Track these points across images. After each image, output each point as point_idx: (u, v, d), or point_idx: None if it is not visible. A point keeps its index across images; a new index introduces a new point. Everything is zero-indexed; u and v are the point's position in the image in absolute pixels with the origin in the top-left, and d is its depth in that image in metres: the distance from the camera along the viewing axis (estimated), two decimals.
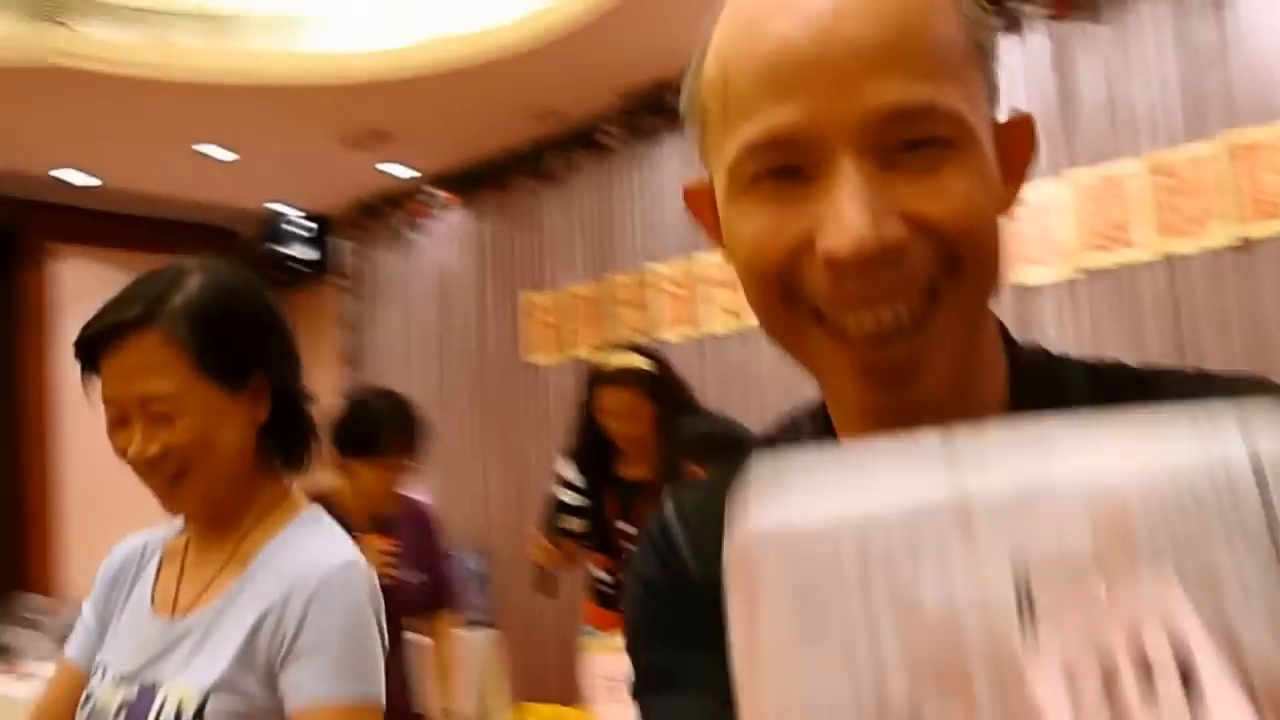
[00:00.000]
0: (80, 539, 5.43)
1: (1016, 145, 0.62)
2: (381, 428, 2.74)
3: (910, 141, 0.55)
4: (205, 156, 5.02)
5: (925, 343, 0.56)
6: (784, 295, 0.58)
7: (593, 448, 3.07)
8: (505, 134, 5.08)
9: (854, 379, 0.58)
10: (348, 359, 6.06)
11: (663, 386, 2.96)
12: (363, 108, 4.58)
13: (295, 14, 4.24)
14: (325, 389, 6.40)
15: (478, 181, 5.42)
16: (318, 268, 6.11)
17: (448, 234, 5.61)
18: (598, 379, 3.00)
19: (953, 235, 0.55)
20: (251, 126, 4.70)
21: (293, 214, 6.07)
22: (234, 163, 5.13)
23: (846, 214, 0.53)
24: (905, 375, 0.57)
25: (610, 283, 4.88)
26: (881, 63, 0.54)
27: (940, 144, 0.55)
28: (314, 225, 6.11)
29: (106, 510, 5.52)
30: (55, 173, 5.14)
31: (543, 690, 4.85)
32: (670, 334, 4.63)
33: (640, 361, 2.98)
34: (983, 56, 0.59)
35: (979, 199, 0.56)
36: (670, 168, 4.69)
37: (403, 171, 5.50)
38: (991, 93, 0.60)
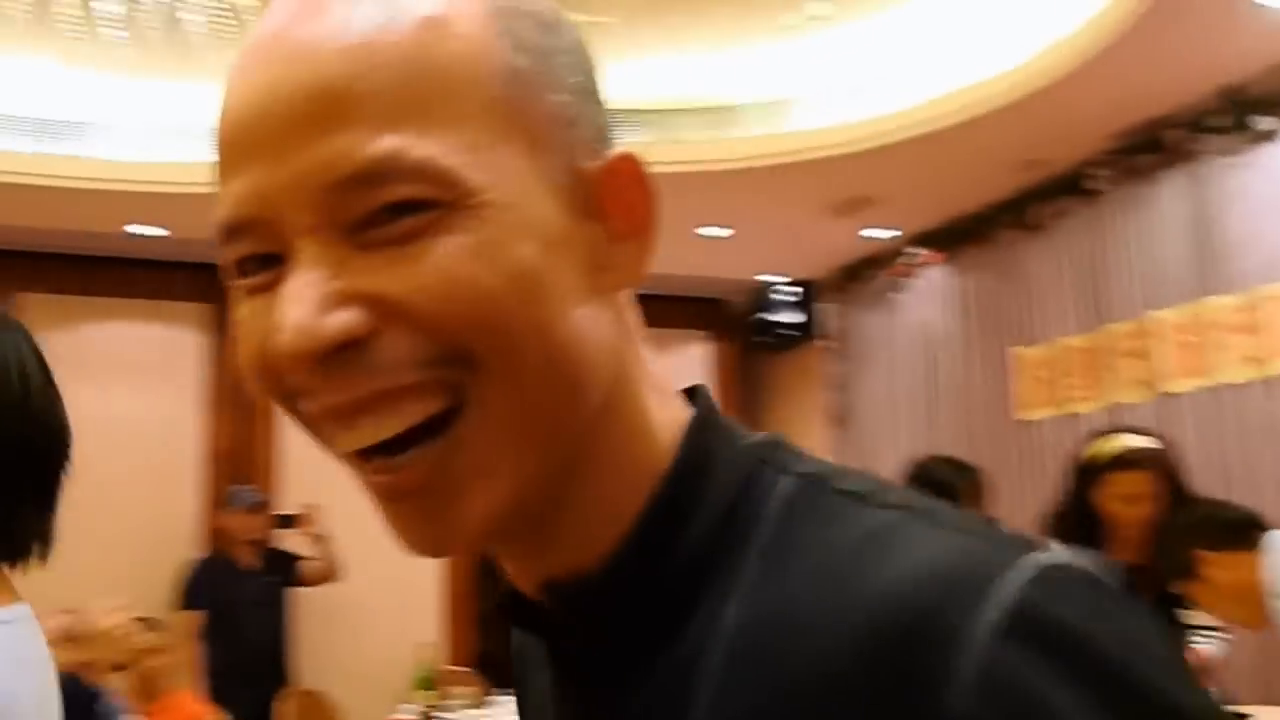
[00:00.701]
0: None
1: (620, 195, 0.49)
2: (956, 486, 2.74)
3: (386, 209, 0.43)
4: (705, 237, 5.52)
5: (449, 460, 0.45)
6: (289, 409, 0.47)
7: (1083, 530, 2.92)
8: (987, 188, 5.06)
9: (380, 507, 0.47)
10: (835, 419, 6.28)
11: (1173, 466, 2.81)
12: (846, 177, 4.80)
13: (783, 98, 4.58)
14: (814, 448, 6.69)
15: (960, 237, 5.43)
16: (804, 331, 6.42)
17: (931, 291, 5.66)
18: (1107, 464, 2.85)
19: (433, 320, 0.43)
20: (745, 206, 5.10)
21: (780, 281, 6.45)
22: (729, 240, 5.58)
23: (282, 308, 0.43)
24: (428, 503, 0.45)
25: (1107, 333, 4.65)
26: (327, 116, 0.43)
27: (423, 208, 0.43)
28: (800, 290, 6.43)
29: None
30: None
31: None
32: (1178, 385, 4.31)
33: (1147, 441, 2.84)
34: (534, 88, 0.47)
35: (475, 272, 0.43)
36: (1170, 208, 4.41)
37: (884, 233, 5.65)
38: (553, 132, 0.47)
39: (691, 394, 0.54)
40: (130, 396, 5.33)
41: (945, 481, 2.73)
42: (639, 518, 0.49)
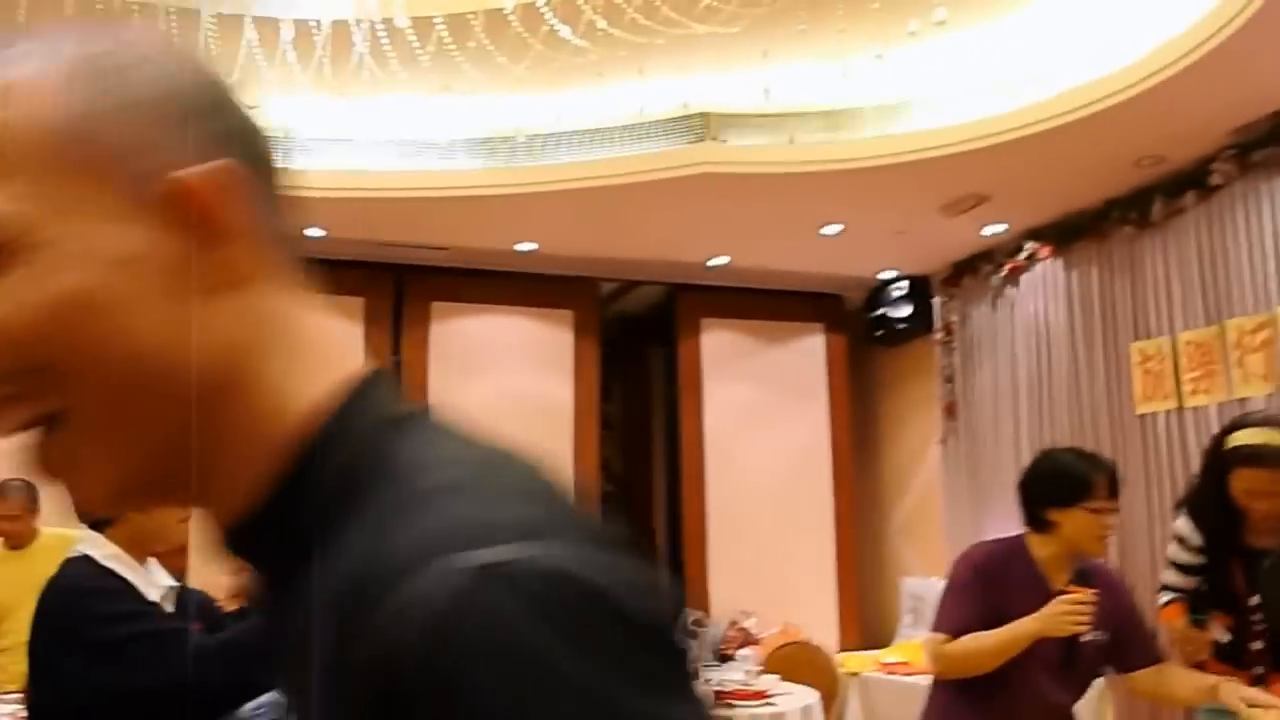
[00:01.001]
0: (721, 564, 6.35)
1: (207, 206, 0.55)
2: (1089, 474, 2.65)
3: None
4: (822, 235, 5.69)
5: (62, 450, 0.54)
6: None
7: (1219, 515, 3.00)
8: (1105, 184, 5.10)
9: None
10: (948, 410, 6.38)
11: None
12: (962, 175, 4.91)
13: (902, 99, 4.73)
14: (927, 439, 6.77)
15: (1076, 233, 5.47)
16: (917, 324, 6.53)
17: (1045, 286, 5.72)
18: (1236, 458, 2.90)
19: (4, 344, 0.52)
20: (861, 204, 5.25)
21: (895, 277, 6.59)
22: (845, 237, 5.74)
23: None
24: (61, 480, 0.56)
25: (1228, 327, 4.66)
26: None
27: None
28: (913, 285, 6.55)
29: (740, 541, 6.39)
30: (704, 260, 6.15)
31: None
32: None
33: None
34: (103, 130, 0.54)
35: (31, 300, 0.51)
36: None
37: (998, 229, 5.74)
38: (126, 164, 0.54)
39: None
40: None
41: (1075, 473, 2.65)
42: (262, 488, 0.55)
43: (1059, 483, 2.66)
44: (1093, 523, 2.61)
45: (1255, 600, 2.91)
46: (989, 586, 2.64)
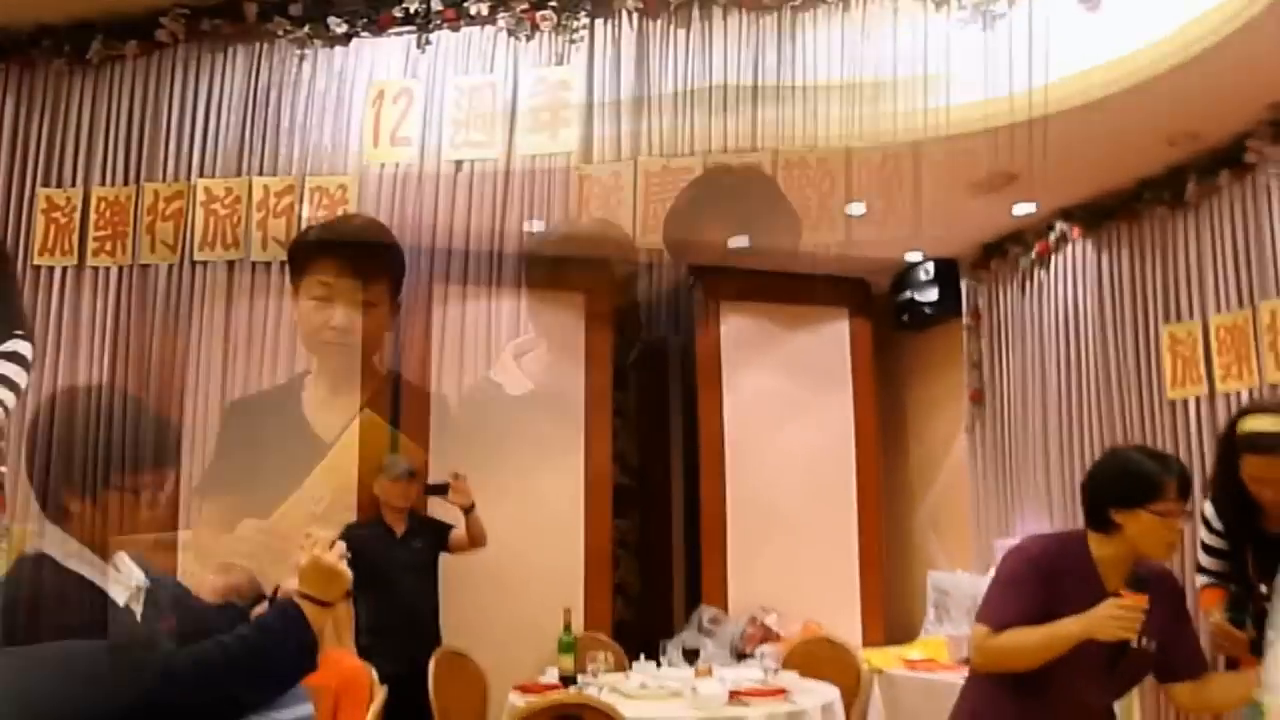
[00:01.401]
0: (741, 560, 6.19)
1: None
2: (1158, 475, 2.50)
3: None
4: (848, 216, 5.52)
5: None
6: None
7: (1234, 502, 2.96)
8: (1136, 162, 4.94)
9: None
10: (975, 397, 6.21)
11: None
12: (991, 153, 4.74)
13: (927, 74, 4.56)
14: (955, 428, 6.59)
15: (1107, 213, 5.30)
16: (944, 308, 6.35)
17: (1076, 268, 5.54)
18: (1244, 444, 2.86)
19: None
20: (888, 184, 5.08)
21: (922, 259, 6.40)
22: (871, 218, 5.56)
23: None
24: None
25: (1264, 310, 4.47)
26: None
27: None
28: (941, 269, 6.37)
29: (760, 535, 6.24)
30: (726, 242, 5.97)
31: None
32: None
33: None
34: None
35: None
36: None
37: (1028, 209, 5.56)
38: None
39: None
40: None
41: (1142, 473, 2.50)
42: None
43: (1124, 482, 2.52)
44: (1159, 526, 2.46)
45: (1264, 589, 2.84)
46: (1042, 582, 2.52)
